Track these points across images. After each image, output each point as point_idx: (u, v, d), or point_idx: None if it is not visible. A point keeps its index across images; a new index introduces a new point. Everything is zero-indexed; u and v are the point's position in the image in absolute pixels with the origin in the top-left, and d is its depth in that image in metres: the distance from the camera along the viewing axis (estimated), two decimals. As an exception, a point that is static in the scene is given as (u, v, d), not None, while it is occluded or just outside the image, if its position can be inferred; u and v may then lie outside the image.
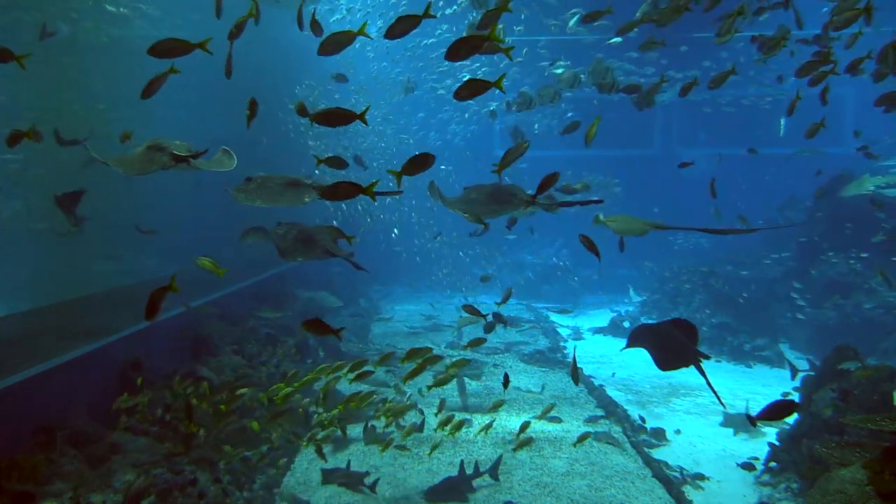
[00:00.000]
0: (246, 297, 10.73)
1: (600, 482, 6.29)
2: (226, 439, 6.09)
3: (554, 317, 15.78)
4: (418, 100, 20.77)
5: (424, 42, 18.09)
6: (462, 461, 6.22)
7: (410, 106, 21.44)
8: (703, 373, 4.55)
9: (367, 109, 4.16)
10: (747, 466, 6.80)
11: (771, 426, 8.21)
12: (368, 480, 6.10)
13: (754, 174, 20.69)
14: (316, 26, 5.96)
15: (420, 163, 3.94)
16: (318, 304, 12.85)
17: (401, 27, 4.11)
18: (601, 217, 4.93)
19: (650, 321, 13.95)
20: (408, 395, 8.17)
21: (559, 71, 7.28)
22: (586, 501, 5.93)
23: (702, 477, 6.60)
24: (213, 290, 9.35)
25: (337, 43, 4.33)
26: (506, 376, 5.88)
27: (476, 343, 6.54)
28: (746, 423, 8.33)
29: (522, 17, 14.74)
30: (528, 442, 6.85)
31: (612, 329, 14.38)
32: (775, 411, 4.07)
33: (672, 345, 4.74)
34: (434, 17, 4.18)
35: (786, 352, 12.04)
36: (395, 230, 19.04)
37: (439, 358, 5.77)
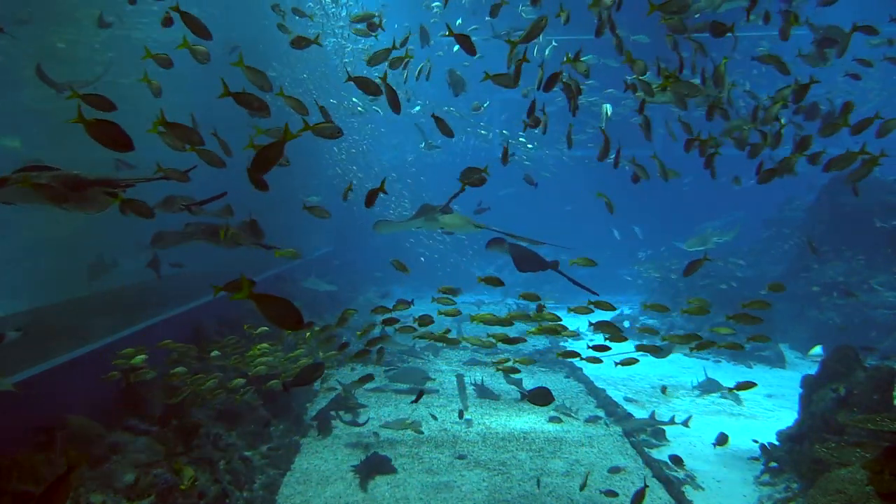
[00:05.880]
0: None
1: (600, 482, 6.29)
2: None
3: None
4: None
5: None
6: None
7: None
8: (561, 273, 6.21)
9: None
10: (754, 460, 6.89)
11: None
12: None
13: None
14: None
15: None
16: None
17: (269, 157, 3.44)
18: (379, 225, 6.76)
19: (650, 321, 13.98)
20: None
21: None
22: (587, 502, 5.93)
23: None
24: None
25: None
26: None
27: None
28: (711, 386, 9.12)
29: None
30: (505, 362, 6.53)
31: (613, 328, 14.34)
32: None
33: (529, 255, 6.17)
34: (294, 136, 3.43)
35: (786, 352, 12.03)
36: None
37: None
